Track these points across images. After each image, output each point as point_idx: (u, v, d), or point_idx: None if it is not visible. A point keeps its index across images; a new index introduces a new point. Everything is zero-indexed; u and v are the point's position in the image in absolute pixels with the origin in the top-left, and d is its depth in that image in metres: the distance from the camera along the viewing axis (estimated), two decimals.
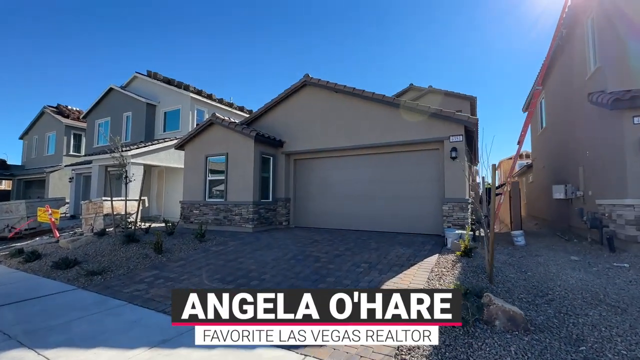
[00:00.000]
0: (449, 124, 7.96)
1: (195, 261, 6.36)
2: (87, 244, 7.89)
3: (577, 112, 8.83)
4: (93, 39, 48.26)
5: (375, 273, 5.13)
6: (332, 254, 6.41)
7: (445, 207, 7.84)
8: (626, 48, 6.61)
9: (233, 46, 47.74)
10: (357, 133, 9.29)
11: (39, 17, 40.82)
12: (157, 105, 16.21)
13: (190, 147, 11.03)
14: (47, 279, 5.81)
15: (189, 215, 10.70)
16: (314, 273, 5.29)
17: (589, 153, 8.19)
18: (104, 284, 5.34)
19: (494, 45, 42.28)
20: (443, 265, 5.40)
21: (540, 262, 5.99)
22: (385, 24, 45.54)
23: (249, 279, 5.21)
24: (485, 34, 44.12)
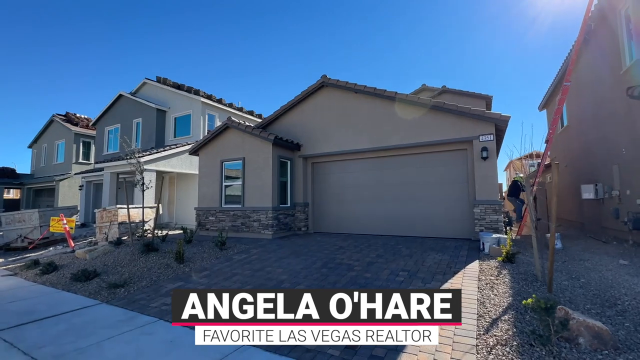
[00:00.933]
0: (478, 122, 7.63)
1: (220, 271, 6.05)
2: (105, 254, 7.61)
3: (611, 108, 8.45)
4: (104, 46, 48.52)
5: (419, 282, 4.78)
6: (364, 261, 6.06)
7: (476, 209, 7.48)
8: None
9: (230, 47, 47.86)
10: (379, 135, 8.98)
11: (44, 24, 41.17)
12: (167, 111, 16.04)
13: (205, 152, 10.77)
14: (67, 292, 5.52)
15: (205, 222, 10.41)
16: (351, 283, 4.95)
17: (626, 151, 7.80)
18: (128, 297, 5.04)
19: (492, 45, 41.97)
20: (488, 273, 5.04)
21: (588, 267, 5.60)
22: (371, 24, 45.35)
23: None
24: (484, 35, 43.75)
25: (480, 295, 4.17)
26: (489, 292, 4.28)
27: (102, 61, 50.99)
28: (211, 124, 15.47)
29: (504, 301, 3.95)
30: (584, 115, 10.55)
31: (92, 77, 56.27)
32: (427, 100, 8.16)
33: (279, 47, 51.09)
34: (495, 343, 3.02)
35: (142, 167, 8.72)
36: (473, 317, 3.61)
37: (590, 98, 9.80)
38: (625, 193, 7.88)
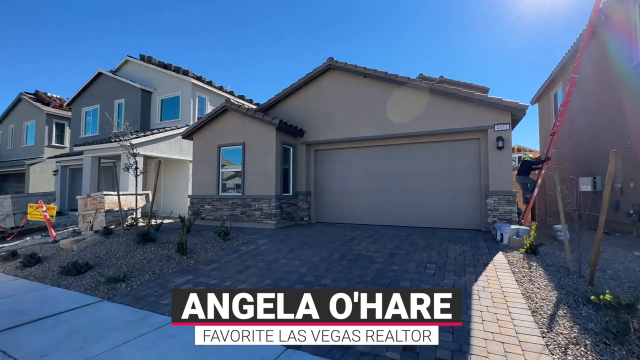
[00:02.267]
0: (494, 111, 7.45)
1: (230, 264, 5.58)
2: (95, 245, 6.92)
3: (617, 101, 8.51)
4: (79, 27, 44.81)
5: (452, 275, 4.54)
6: (384, 252, 5.78)
7: (490, 200, 7.36)
8: None
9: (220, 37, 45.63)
10: (388, 122, 8.64)
11: None
12: (153, 92, 14.96)
13: (200, 137, 10.06)
14: (58, 288, 4.89)
15: (200, 210, 9.79)
16: (379, 276, 4.65)
17: (631, 144, 7.89)
18: (132, 293, 4.50)
19: (486, 41, 42.51)
20: (519, 265, 4.89)
21: (607, 258, 5.59)
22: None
23: (309, 284, 4.50)
24: (478, 31, 44.16)
25: (523, 289, 3.97)
26: (529, 285, 4.09)
27: (74, 43, 47.03)
28: (202, 108, 14.58)
29: (550, 295, 3.77)
30: (585, 108, 10.66)
31: (66, 59, 51.93)
32: (441, 86, 7.87)
33: (266, 43, 49.29)
34: (567, 342, 2.80)
35: (134, 150, 7.96)
36: (527, 312, 3.39)
37: (592, 92, 9.87)
38: (629, 186, 8.00)
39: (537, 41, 34.86)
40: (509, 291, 3.93)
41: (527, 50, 38.55)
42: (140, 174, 8.04)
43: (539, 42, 34.54)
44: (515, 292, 3.89)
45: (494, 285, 4.13)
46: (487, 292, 3.91)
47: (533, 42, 35.23)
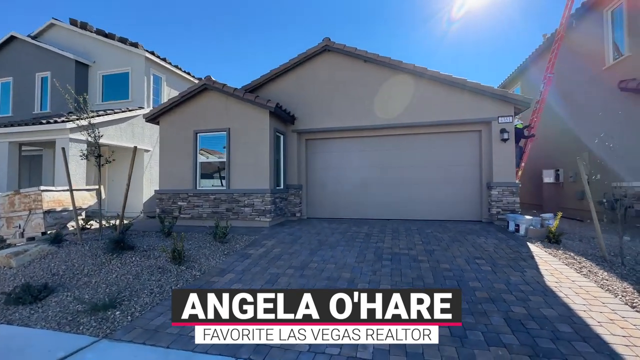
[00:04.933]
0: (498, 103, 7.52)
1: (249, 273, 4.56)
2: (43, 258, 5.15)
3: (585, 101, 9.36)
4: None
5: (512, 271, 4.27)
6: (418, 249, 5.33)
7: (494, 192, 7.45)
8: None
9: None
10: (387, 111, 8.22)
11: None
12: (92, 66, 12.30)
13: (170, 121, 8.43)
14: (10, 326, 3.36)
15: (171, 208, 8.23)
16: (439, 276, 4.16)
17: (598, 139, 8.73)
18: (138, 325, 3.27)
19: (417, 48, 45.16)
20: (562, 256, 4.86)
21: (608, 244, 5.96)
22: None
23: None
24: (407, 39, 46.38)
25: (594, 283, 3.85)
26: (594, 277, 4.00)
27: None
28: (157, 88, 12.47)
29: (625, 287, 3.70)
30: (552, 105, 11.63)
31: None
32: (447, 76, 7.68)
33: None
34: None
35: (98, 133, 6.22)
36: (627, 307, 3.22)
37: (561, 92, 10.75)
38: (595, 177, 8.86)
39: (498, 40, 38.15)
40: (586, 285, 3.77)
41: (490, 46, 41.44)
42: (109, 162, 6.37)
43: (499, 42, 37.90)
44: (592, 286, 3.75)
45: (563, 280, 3.95)
46: (567, 289, 3.69)
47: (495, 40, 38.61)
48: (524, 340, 2.75)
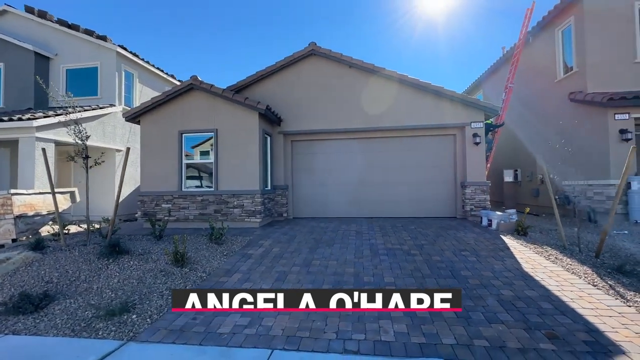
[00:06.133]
0: (471, 110, 8.27)
1: (256, 272, 4.69)
2: (29, 266, 4.84)
3: (540, 109, 10.54)
4: None
5: (494, 260, 4.86)
6: (409, 244, 5.78)
7: (468, 190, 8.19)
8: (602, 56, 8.15)
9: None
10: (370, 115, 8.69)
11: None
12: (53, 59, 11.40)
13: (152, 120, 8.17)
14: (17, 336, 3.22)
15: (154, 211, 7.99)
16: (435, 267, 4.62)
17: (551, 143, 9.91)
18: (159, 325, 3.31)
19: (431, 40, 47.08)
20: (532, 247, 5.56)
21: (568, 234, 6.87)
22: None
23: (372, 284, 4.13)
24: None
25: (562, 268, 4.53)
26: (562, 263, 4.69)
27: None
28: (129, 85, 11.87)
29: (586, 270, 4.40)
30: (509, 115, 12.86)
31: None
32: (426, 83, 8.30)
33: None
34: None
35: (85, 132, 5.92)
36: (590, 286, 3.87)
37: (517, 101, 11.95)
38: (550, 176, 10.03)
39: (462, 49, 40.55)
40: (555, 270, 4.43)
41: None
42: (99, 164, 6.08)
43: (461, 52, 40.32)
44: (560, 270, 4.41)
45: (537, 266, 4.58)
46: (541, 273, 4.31)
47: None
48: (517, 317, 3.24)
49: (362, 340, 2.96)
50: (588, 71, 8.31)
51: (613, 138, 7.70)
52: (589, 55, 8.30)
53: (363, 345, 2.88)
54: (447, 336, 2.96)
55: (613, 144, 7.70)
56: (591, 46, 8.27)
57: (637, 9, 8.14)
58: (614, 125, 7.70)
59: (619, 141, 7.66)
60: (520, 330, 3.00)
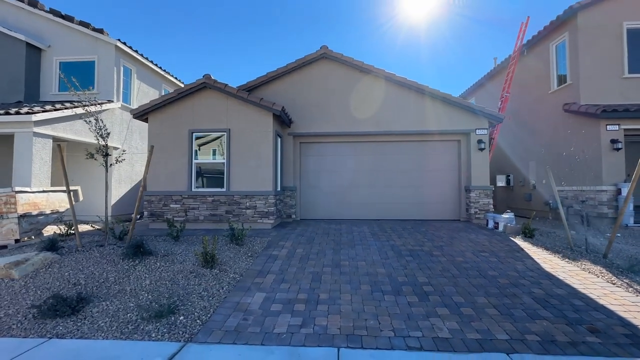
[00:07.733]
0: (476, 117, 8.63)
1: (289, 273, 4.71)
2: (49, 267, 4.62)
3: (532, 119, 11.13)
4: None
5: (517, 262, 5.11)
6: (428, 245, 5.98)
7: (472, 194, 8.53)
8: (594, 71, 8.75)
9: None
10: (379, 119, 8.91)
11: None
12: (46, 51, 10.87)
13: (161, 118, 7.98)
14: (63, 340, 3.09)
15: (162, 211, 7.80)
16: (461, 268, 4.81)
17: (544, 150, 10.49)
18: (213, 326, 3.27)
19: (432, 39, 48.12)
20: (546, 249, 5.89)
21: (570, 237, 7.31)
22: None
23: (410, 285, 4.26)
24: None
25: (580, 268, 4.84)
26: (578, 263, 5.01)
27: None
28: (127, 81, 11.49)
29: (601, 270, 4.73)
30: (505, 119, 13.42)
31: None
32: (435, 91, 8.59)
33: None
34: None
35: (105, 128, 5.70)
36: (609, 284, 4.17)
37: (514, 107, 12.46)
38: (542, 182, 10.62)
39: None
40: (573, 269, 4.73)
41: None
42: (119, 162, 5.88)
43: None
44: (578, 270, 4.71)
45: (556, 266, 4.88)
46: (562, 273, 4.60)
47: None
48: (556, 313, 3.46)
49: (420, 337, 3.07)
50: (581, 84, 8.88)
51: (605, 147, 8.27)
52: (582, 69, 8.88)
53: (423, 342, 2.99)
54: (498, 332, 3.12)
55: (605, 153, 8.26)
56: (584, 60, 8.86)
57: (625, 28, 8.81)
58: (606, 136, 8.28)
59: (610, 150, 8.24)
60: (563, 326, 3.21)
